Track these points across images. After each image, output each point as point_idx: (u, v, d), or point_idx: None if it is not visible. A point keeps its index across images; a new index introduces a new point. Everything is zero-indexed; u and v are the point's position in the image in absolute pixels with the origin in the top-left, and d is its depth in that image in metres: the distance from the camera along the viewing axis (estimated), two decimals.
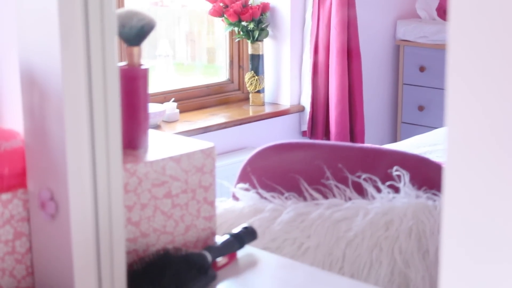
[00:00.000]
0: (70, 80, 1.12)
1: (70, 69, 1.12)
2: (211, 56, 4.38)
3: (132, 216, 1.32)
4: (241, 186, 1.82)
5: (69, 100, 1.12)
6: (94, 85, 1.15)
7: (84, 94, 1.14)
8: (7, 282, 1.21)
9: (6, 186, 1.20)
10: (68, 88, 1.12)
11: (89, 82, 1.14)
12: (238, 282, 1.37)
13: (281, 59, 4.24)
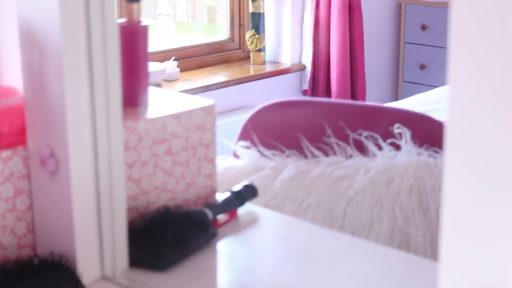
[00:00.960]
0: (69, 36, 1.11)
1: (69, 26, 1.11)
2: (212, 15, 4.35)
3: (132, 174, 1.31)
4: (241, 144, 1.81)
5: (68, 57, 1.11)
6: (93, 41, 1.14)
7: (83, 50, 1.13)
8: (8, 239, 1.21)
9: (6, 143, 1.20)
10: (67, 44, 1.11)
11: (88, 39, 1.13)
12: (239, 239, 1.37)
13: (282, 17, 4.22)
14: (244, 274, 1.27)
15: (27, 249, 1.23)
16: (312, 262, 1.27)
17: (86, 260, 1.18)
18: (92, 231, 1.19)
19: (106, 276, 1.21)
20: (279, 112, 1.86)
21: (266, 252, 1.36)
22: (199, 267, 1.25)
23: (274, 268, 1.28)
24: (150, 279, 1.20)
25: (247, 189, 1.45)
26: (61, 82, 1.11)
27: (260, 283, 1.26)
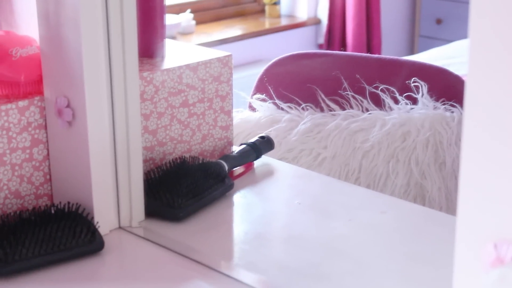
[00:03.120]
0: None
1: None
2: None
3: (149, 125, 1.31)
4: (257, 97, 1.80)
5: (84, 7, 1.10)
6: None
7: (100, 0, 1.12)
8: (25, 189, 1.21)
9: (23, 93, 1.20)
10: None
11: None
12: (255, 191, 1.38)
13: None
14: (259, 226, 1.27)
15: (44, 199, 1.24)
16: (327, 215, 1.28)
17: (102, 210, 1.18)
18: (108, 181, 1.19)
19: (122, 226, 1.22)
20: (296, 65, 1.85)
21: (282, 204, 1.37)
22: (214, 218, 1.25)
23: (290, 220, 1.29)
24: (166, 230, 1.21)
25: (264, 141, 1.44)
26: (78, 32, 1.11)
27: (276, 234, 1.26)
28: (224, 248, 1.20)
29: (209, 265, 1.11)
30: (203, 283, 1.09)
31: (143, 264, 1.15)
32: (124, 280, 1.10)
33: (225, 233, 1.25)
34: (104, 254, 1.14)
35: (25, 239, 1.09)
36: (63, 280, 1.08)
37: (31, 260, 1.08)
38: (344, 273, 1.10)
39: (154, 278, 1.10)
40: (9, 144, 1.18)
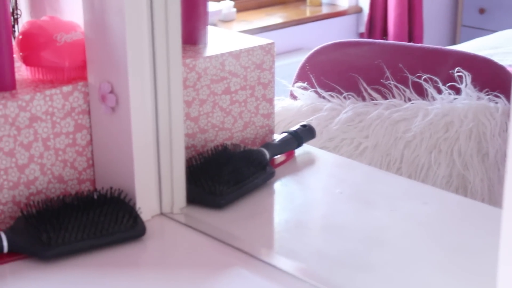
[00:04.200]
0: None
1: None
2: None
3: (191, 112, 1.32)
4: (299, 85, 1.80)
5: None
6: None
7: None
8: (69, 173, 1.22)
9: (67, 79, 1.21)
10: None
11: None
12: (296, 179, 1.37)
13: None
14: (300, 214, 1.27)
15: (86, 184, 1.24)
16: (368, 204, 1.27)
17: (144, 196, 1.19)
18: (151, 167, 1.19)
19: (164, 213, 1.23)
20: (338, 53, 1.84)
21: (323, 193, 1.36)
22: (255, 206, 1.25)
23: (331, 209, 1.28)
24: (207, 217, 1.21)
25: (305, 130, 1.44)
26: (122, 18, 1.11)
27: (316, 223, 1.26)
28: (264, 235, 1.20)
29: (250, 252, 1.12)
30: (243, 270, 1.09)
31: (184, 251, 1.15)
32: (165, 266, 1.11)
33: (266, 221, 1.25)
34: (145, 240, 1.15)
35: (68, 224, 1.10)
36: (105, 265, 1.09)
37: (73, 244, 1.09)
38: (386, 264, 1.10)
39: (195, 265, 1.10)
40: (53, 129, 1.19)
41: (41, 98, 1.16)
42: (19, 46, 1.22)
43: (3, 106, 1.12)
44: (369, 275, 1.07)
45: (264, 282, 1.06)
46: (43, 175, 1.19)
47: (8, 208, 1.17)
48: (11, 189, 1.16)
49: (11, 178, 1.16)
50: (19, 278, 1.06)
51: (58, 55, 1.20)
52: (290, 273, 1.07)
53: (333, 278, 1.06)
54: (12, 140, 1.15)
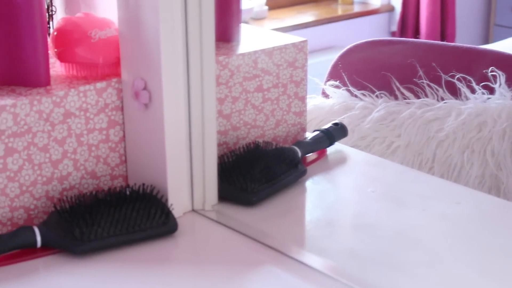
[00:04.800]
0: None
1: None
2: None
3: (223, 109, 1.32)
4: (331, 83, 1.80)
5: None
6: None
7: None
8: (101, 169, 1.23)
9: (101, 75, 1.21)
10: None
11: None
12: (328, 178, 1.37)
13: None
14: (332, 213, 1.27)
15: (119, 180, 1.25)
16: (401, 204, 1.26)
17: (176, 192, 1.19)
18: (183, 164, 1.20)
19: (196, 209, 1.23)
20: (371, 51, 1.83)
21: (354, 191, 1.36)
22: (287, 204, 1.25)
23: (362, 207, 1.28)
24: (238, 214, 1.21)
25: (337, 128, 1.43)
26: (156, 15, 1.11)
27: (348, 222, 1.26)
28: (296, 233, 1.19)
29: (281, 250, 1.11)
30: (274, 268, 1.09)
31: (215, 247, 1.15)
32: (196, 263, 1.11)
33: (297, 219, 1.25)
34: (177, 236, 1.15)
35: (100, 219, 1.10)
36: (137, 261, 1.10)
37: (106, 239, 1.10)
38: (418, 264, 1.09)
39: (226, 262, 1.10)
40: (86, 124, 1.19)
41: (75, 94, 1.17)
42: (54, 43, 1.23)
43: (38, 102, 1.13)
44: (401, 275, 1.06)
45: (295, 280, 1.06)
46: (76, 170, 1.20)
47: (42, 203, 1.18)
48: (44, 184, 1.17)
49: (45, 173, 1.17)
50: (52, 272, 1.07)
51: (92, 51, 1.20)
52: (321, 271, 1.06)
53: (365, 277, 1.06)
54: (46, 135, 1.16)
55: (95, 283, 1.05)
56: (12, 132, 1.12)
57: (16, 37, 1.16)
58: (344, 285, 1.03)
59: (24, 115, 1.12)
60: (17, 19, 1.15)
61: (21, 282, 1.05)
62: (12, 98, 1.13)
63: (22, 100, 1.12)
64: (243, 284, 1.06)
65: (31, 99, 1.13)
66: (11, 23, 1.15)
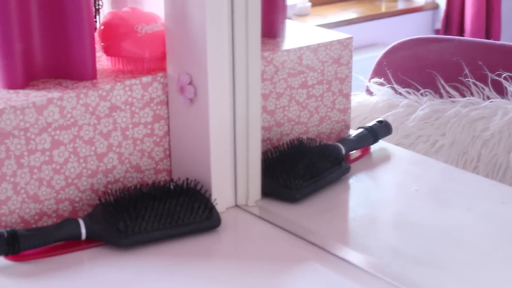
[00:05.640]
0: None
1: None
2: None
3: (267, 105, 1.32)
4: (375, 80, 1.78)
5: None
6: None
7: None
8: (146, 163, 1.24)
9: (147, 69, 1.22)
10: None
11: None
12: (371, 175, 1.36)
13: None
14: (375, 210, 1.26)
15: (163, 174, 1.26)
16: (445, 203, 1.25)
17: (220, 187, 1.20)
18: (227, 159, 1.20)
19: (239, 205, 1.23)
20: (416, 49, 1.81)
21: (398, 190, 1.35)
22: (330, 201, 1.25)
23: (406, 206, 1.27)
24: (281, 210, 1.21)
25: (381, 126, 1.43)
26: (203, 10, 1.12)
27: (392, 220, 1.25)
28: (339, 231, 1.19)
29: (324, 247, 1.11)
30: (317, 264, 1.08)
31: (258, 243, 1.15)
32: (238, 258, 1.11)
33: (340, 216, 1.24)
34: (220, 231, 1.15)
35: (144, 213, 1.11)
36: (180, 255, 1.10)
37: (150, 233, 1.10)
38: (461, 263, 1.08)
39: (269, 258, 1.10)
40: (131, 118, 1.20)
41: (121, 88, 1.18)
42: (101, 37, 1.24)
43: (84, 95, 1.14)
44: (444, 274, 1.05)
45: (338, 277, 1.05)
46: (121, 164, 1.21)
47: (87, 195, 1.19)
48: (89, 177, 1.18)
49: (90, 166, 1.18)
50: (95, 265, 1.08)
51: (139, 46, 1.21)
52: (364, 269, 1.06)
53: (408, 275, 1.05)
54: (92, 128, 1.16)
55: (138, 276, 1.05)
56: (58, 125, 1.13)
57: (64, 31, 1.17)
58: (387, 283, 1.03)
59: (71, 108, 1.13)
60: (65, 13, 1.16)
61: (66, 274, 1.06)
62: (59, 91, 1.14)
63: (69, 93, 1.13)
64: (285, 280, 1.06)
65: (78, 92, 1.14)
66: (59, 17, 1.16)
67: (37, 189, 1.13)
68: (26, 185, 1.12)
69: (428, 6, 4.11)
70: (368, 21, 3.79)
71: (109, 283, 1.04)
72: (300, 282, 1.06)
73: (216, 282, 1.05)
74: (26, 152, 1.11)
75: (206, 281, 1.05)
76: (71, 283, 1.04)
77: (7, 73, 1.14)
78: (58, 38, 1.18)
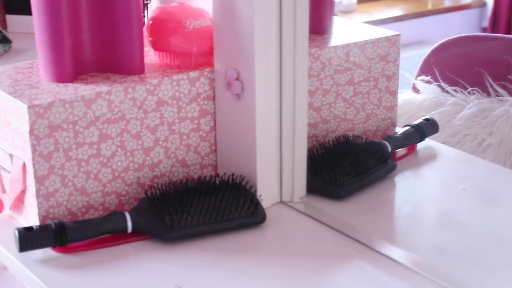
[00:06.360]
0: None
1: None
2: None
3: (313, 101, 1.31)
4: (422, 78, 1.77)
5: None
6: None
7: None
8: (192, 158, 1.24)
9: (194, 64, 1.22)
10: None
11: None
12: (417, 174, 1.35)
13: None
14: (421, 209, 1.25)
15: (208, 169, 1.26)
16: (493, 202, 1.24)
17: (265, 183, 1.20)
18: (273, 155, 1.20)
19: (284, 201, 1.23)
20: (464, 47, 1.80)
21: (444, 189, 1.34)
22: (376, 198, 1.24)
23: (453, 205, 1.26)
24: (326, 207, 1.21)
25: (428, 124, 1.42)
26: (251, 6, 1.12)
27: (437, 219, 1.24)
28: (384, 228, 1.18)
29: (369, 244, 1.11)
30: (362, 262, 1.08)
31: (303, 240, 1.15)
32: (283, 254, 1.11)
33: (386, 214, 1.23)
34: (265, 227, 1.15)
35: (190, 208, 1.11)
36: (224, 250, 1.10)
37: (195, 228, 1.11)
38: (509, 264, 1.07)
39: (313, 254, 1.10)
40: (178, 113, 1.21)
41: (169, 83, 1.18)
42: (149, 31, 1.24)
43: (132, 90, 1.15)
44: (491, 275, 1.04)
45: (383, 275, 1.05)
46: (167, 158, 1.22)
47: (133, 189, 1.19)
48: (136, 171, 1.19)
49: (136, 160, 1.19)
50: (141, 258, 1.09)
51: (187, 41, 1.21)
52: (410, 268, 1.05)
53: (453, 275, 1.04)
54: (139, 123, 1.17)
55: (183, 270, 1.06)
56: (106, 118, 1.14)
57: (113, 26, 1.18)
58: (432, 282, 1.02)
59: (119, 102, 1.14)
60: (114, 8, 1.17)
61: (112, 266, 1.06)
62: (107, 85, 1.15)
63: (117, 87, 1.14)
64: (330, 277, 1.06)
65: (126, 86, 1.15)
66: (108, 12, 1.17)
67: (85, 182, 1.14)
68: (73, 178, 1.13)
69: (475, 4, 4.07)
70: (414, 18, 3.76)
71: (154, 276, 1.05)
72: (344, 279, 1.05)
73: (261, 278, 1.05)
74: (74, 145, 1.12)
75: (250, 276, 1.05)
76: (117, 275, 1.05)
77: (57, 66, 1.16)
78: (107, 32, 1.18)
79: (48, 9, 1.13)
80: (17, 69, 1.23)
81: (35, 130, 1.08)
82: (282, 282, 1.04)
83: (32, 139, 1.09)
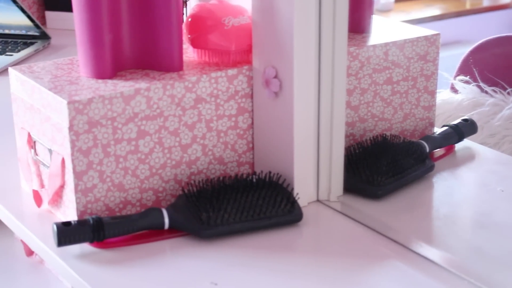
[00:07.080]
0: None
1: None
2: None
3: (351, 100, 1.31)
4: (461, 78, 1.76)
5: None
6: None
7: None
8: (229, 155, 1.24)
9: (232, 62, 1.22)
10: None
11: None
12: (455, 174, 1.34)
13: None
14: (459, 210, 1.24)
15: (245, 167, 1.26)
16: None
17: (302, 182, 1.19)
18: (310, 153, 1.20)
19: (320, 200, 1.23)
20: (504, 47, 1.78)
21: (483, 190, 1.33)
22: (413, 198, 1.24)
23: (491, 206, 1.25)
24: (363, 206, 1.20)
25: (467, 124, 1.41)
26: (291, 4, 1.12)
27: (476, 220, 1.23)
28: (421, 229, 1.18)
29: (406, 245, 1.10)
30: (398, 262, 1.07)
31: (339, 239, 1.15)
32: (320, 253, 1.11)
33: (423, 214, 1.23)
34: (301, 225, 1.15)
35: (227, 205, 1.12)
36: (261, 248, 1.10)
37: (231, 225, 1.11)
38: None
39: (350, 254, 1.10)
40: (216, 111, 1.21)
41: (207, 80, 1.18)
42: (188, 29, 1.25)
43: (170, 86, 1.15)
44: None
45: (420, 275, 1.04)
46: (205, 155, 1.22)
47: (170, 186, 1.20)
48: (173, 168, 1.19)
49: (174, 157, 1.19)
50: (178, 254, 1.09)
51: (225, 38, 1.21)
52: (447, 269, 1.05)
53: (491, 276, 1.03)
54: (177, 120, 1.18)
55: (220, 267, 1.06)
56: (145, 115, 1.14)
57: (152, 23, 1.18)
58: (470, 284, 1.01)
59: (157, 99, 1.15)
60: (154, 5, 1.17)
61: (149, 262, 1.07)
62: (146, 81, 1.15)
63: (156, 84, 1.15)
64: (366, 277, 1.05)
65: (164, 83, 1.15)
66: (148, 9, 1.18)
67: (122, 178, 1.15)
68: (111, 174, 1.14)
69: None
70: (452, 18, 3.73)
71: (191, 273, 1.05)
72: (381, 279, 1.05)
73: (297, 276, 1.05)
74: (112, 141, 1.13)
75: (286, 274, 1.05)
76: (153, 271, 1.05)
77: (96, 63, 1.16)
78: (146, 29, 1.19)
79: (89, 6, 1.14)
80: (57, 65, 1.24)
81: (74, 126, 1.09)
82: (318, 281, 1.04)
83: (71, 135, 1.10)
